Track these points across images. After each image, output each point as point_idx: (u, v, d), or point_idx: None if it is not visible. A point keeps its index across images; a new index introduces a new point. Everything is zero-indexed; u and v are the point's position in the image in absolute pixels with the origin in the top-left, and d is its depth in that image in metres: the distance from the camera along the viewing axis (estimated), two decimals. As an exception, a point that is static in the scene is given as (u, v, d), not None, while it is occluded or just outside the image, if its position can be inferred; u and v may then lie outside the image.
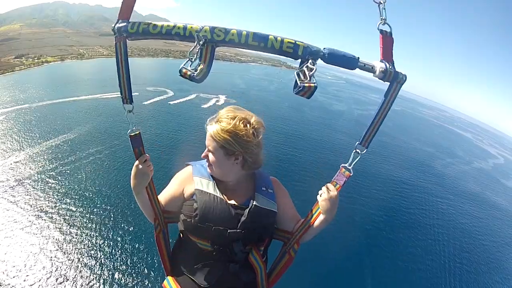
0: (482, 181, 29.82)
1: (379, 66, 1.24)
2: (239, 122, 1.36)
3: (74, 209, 12.46)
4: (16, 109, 23.58)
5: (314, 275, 10.67)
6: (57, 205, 12.60)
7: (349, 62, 1.22)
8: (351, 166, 1.37)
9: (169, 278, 1.57)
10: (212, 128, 1.39)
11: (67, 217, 11.94)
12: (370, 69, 1.25)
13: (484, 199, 23.87)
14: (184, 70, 1.13)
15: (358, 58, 1.23)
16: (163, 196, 1.52)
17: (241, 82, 56.84)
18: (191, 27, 1.18)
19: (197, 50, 1.16)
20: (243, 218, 1.36)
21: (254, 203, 1.40)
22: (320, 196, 1.41)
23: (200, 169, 1.52)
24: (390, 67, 1.24)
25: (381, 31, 1.22)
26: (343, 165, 1.39)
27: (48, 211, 12.14)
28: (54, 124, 20.95)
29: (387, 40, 1.24)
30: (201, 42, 1.16)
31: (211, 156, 1.42)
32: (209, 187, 1.42)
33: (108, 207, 12.73)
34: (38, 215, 11.85)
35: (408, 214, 17.19)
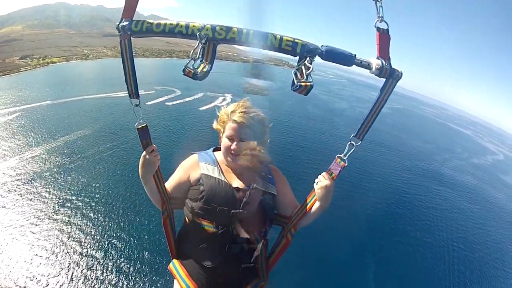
0: (478, 174, 30.54)
1: (375, 63, 1.27)
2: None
3: (94, 199, 12.86)
4: (28, 108, 24.12)
5: (316, 259, 11.27)
6: (77, 195, 13.03)
7: (345, 59, 1.26)
8: (346, 157, 1.42)
9: (175, 261, 1.67)
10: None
11: (87, 207, 12.43)
12: (367, 66, 1.29)
13: (480, 190, 24.65)
14: (187, 69, 1.16)
15: (355, 55, 1.27)
16: (170, 183, 1.60)
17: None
18: (193, 26, 1.22)
19: (199, 49, 1.21)
20: (244, 199, 1.46)
21: (254, 185, 1.50)
22: (316, 184, 1.47)
23: (205, 156, 1.62)
24: (386, 64, 1.27)
25: (378, 29, 1.24)
26: (338, 155, 1.45)
27: (69, 201, 12.64)
28: (68, 121, 21.47)
29: (383, 38, 1.26)
30: (203, 41, 1.21)
31: (244, 148, 1.50)
32: (215, 172, 1.53)
33: (122, 197, 13.21)
34: (60, 205, 12.36)
35: (407, 200, 17.94)
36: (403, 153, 28.96)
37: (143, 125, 1.40)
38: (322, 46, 1.25)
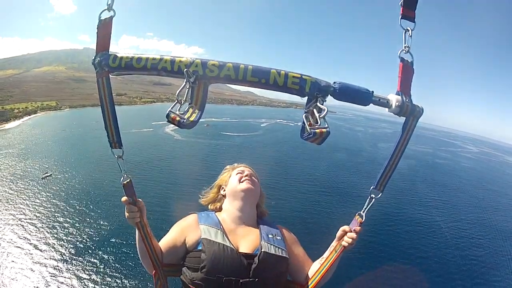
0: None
1: (395, 99, 1.14)
2: None
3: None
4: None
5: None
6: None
7: (362, 97, 1.10)
8: (364, 212, 1.28)
9: None
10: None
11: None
12: (385, 103, 1.15)
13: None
14: (172, 115, 0.98)
15: (372, 92, 1.12)
16: (163, 244, 1.40)
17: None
18: (180, 61, 1.05)
19: (187, 90, 1.02)
20: (253, 266, 1.28)
21: (263, 249, 1.34)
22: (344, 241, 1.31)
23: (206, 218, 1.46)
24: (407, 100, 1.14)
25: (402, 60, 1.14)
26: (359, 212, 1.30)
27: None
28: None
29: (407, 70, 1.15)
30: (191, 79, 1.02)
31: (255, 179, 1.61)
32: (218, 236, 1.35)
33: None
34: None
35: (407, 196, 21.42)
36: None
37: (127, 180, 1.21)
38: (334, 83, 1.09)
